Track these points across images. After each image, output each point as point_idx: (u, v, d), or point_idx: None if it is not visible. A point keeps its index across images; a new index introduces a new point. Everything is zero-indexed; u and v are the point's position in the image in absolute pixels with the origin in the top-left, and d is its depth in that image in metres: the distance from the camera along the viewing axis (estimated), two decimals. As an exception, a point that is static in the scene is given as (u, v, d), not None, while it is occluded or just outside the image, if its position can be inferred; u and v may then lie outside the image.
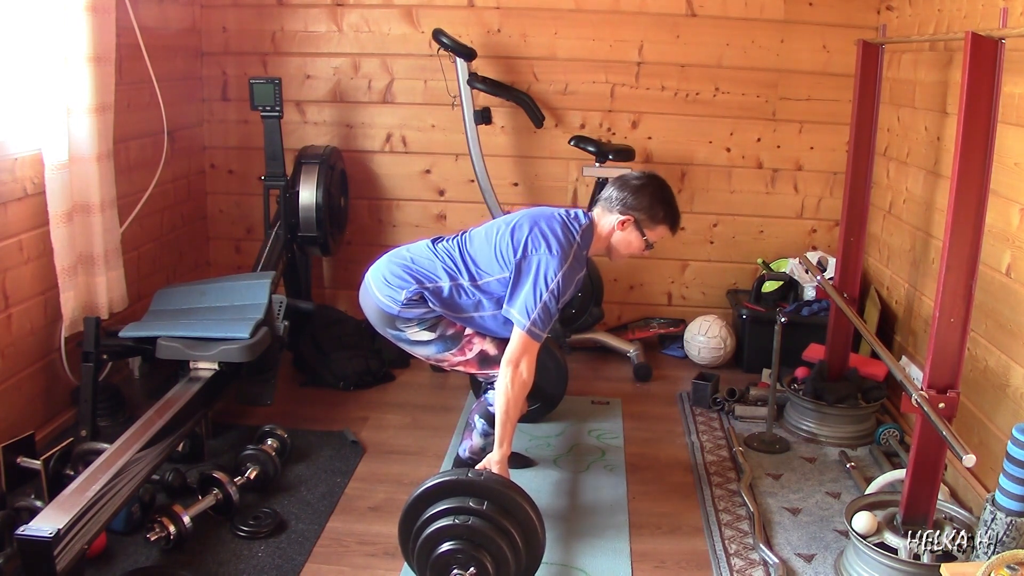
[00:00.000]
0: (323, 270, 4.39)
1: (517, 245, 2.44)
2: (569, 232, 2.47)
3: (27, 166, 2.83)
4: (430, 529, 2.15)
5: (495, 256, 2.48)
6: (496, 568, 2.12)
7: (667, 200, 2.57)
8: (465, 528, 2.12)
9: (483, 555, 2.11)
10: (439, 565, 2.14)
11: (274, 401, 3.28)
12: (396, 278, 2.52)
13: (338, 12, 4.09)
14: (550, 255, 2.40)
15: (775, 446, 3.18)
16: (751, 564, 2.45)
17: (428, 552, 2.15)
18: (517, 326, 2.38)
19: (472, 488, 2.17)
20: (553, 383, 3.22)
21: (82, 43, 2.88)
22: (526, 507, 2.18)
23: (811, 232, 4.22)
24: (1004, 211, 2.58)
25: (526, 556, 2.18)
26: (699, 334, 3.98)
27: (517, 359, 2.37)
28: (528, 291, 2.39)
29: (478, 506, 2.13)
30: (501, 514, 2.15)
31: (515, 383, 2.36)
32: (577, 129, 4.11)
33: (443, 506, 2.16)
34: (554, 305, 2.39)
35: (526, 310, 2.37)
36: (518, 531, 2.16)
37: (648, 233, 2.58)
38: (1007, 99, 2.43)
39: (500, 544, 2.12)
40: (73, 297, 2.97)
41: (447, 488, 2.18)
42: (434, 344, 2.56)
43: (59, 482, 2.45)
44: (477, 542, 2.12)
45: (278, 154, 3.76)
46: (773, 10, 3.96)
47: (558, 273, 2.39)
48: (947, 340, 2.20)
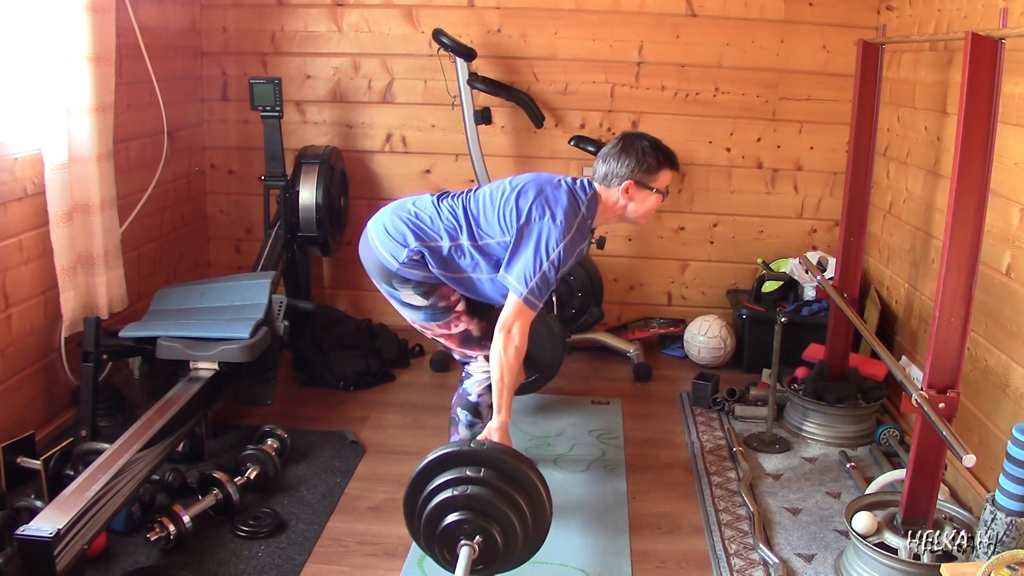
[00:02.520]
0: (323, 270, 4.39)
1: (521, 210, 2.41)
2: (575, 202, 2.44)
3: (27, 166, 2.83)
4: (433, 503, 2.11)
5: (498, 219, 2.45)
6: (504, 536, 2.09)
7: (650, 147, 2.51)
8: (466, 498, 2.09)
9: (489, 523, 2.07)
10: (445, 538, 2.11)
11: (274, 401, 3.27)
12: (398, 232, 2.50)
13: (338, 12, 4.09)
14: (553, 224, 2.37)
15: (775, 446, 3.19)
16: (751, 564, 2.45)
17: (433, 527, 2.12)
18: (513, 292, 2.36)
19: (472, 458, 2.13)
20: (550, 352, 3.17)
21: (82, 43, 2.88)
22: (529, 472, 2.14)
23: (811, 232, 4.22)
24: (1004, 211, 2.58)
25: (533, 522, 2.14)
26: (699, 334, 3.98)
27: (509, 325, 2.35)
28: (528, 259, 2.36)
29: (476, 474, 2.10)
30: (503, 481, 2.11)
31: (508, 348, 2.34)
32: (577, 129, 4.11)
33: (444, 479, 2.13)
34: (553, 275, 2.37)
35: (524, 278, 2.34)
36: (523, 497, 2.12)
37: (654, 184, 2.51)
38: (1007, 99, 2.43)
39: (505, 511, 2.08)
40: (73, 297, 2.97)
41: (447, 460, 2.15)
42: (423, 311, 2.55)
43: (59, 482, 2.45)
44: (481, 511, 2.08)
45: (278, 154, 3.76)
46: (773, 10, 3.96)
47: (560, 243, 2.36)
48: (947, 340, 2.20)
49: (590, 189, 2.51)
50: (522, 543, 2.15)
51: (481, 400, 2.62)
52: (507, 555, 2.14)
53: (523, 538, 2.14)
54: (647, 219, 2.59)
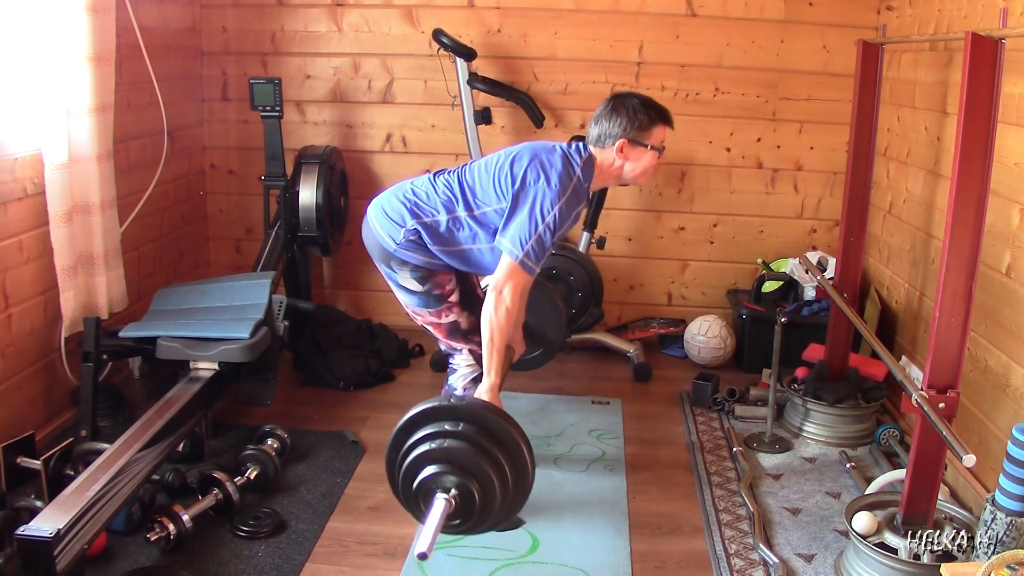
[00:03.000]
0: (323, 270, 4.39)
1: (516, 176, 2.40)
2: (569, 165, 2.43)
3: (27, 166, 2.83)
4: (411, 457, 2.10)
5: (494, 186, 2.44)
6: (482, 491, 2.07)
7: (641, 104, 2.48)
8: (443, 451, 2.07)
9: (466, 478, 2.05)
10: (422, 491, 2.08)
11: (274, 401, 3.28)
12: (396, 213, 2.51)
13: (338, 12, 4.09)
14: (548, 187, 2.36)
15: (775, 446, 3.19)
16: (751, 564, 2.45)
17: (411, 481, 2.10)
18: (508, 255, 2.35)
19: (452, 413, 2.12)
20: (552, 326, 3.14)
21: (82, 43, 2.88)
22: (511, 430, 2.12)
23: (811, 232, 4.22)
24: (1004, 211, 2.58)
25: (514, 481, 2.12)
26: (699, 334, 3.98)
27: (501, 286, 2.34)
28: (523, 222, 2.35)
29: (454, 428, 2.08)
30: (483, 437, 2.09)
31: (499, 310, 2.33)
32: (577, 129, 4.11)
33: (423, 433, 2.11)
34: (549, 238, 2.36)
35: (519, 241, 2.34)
36: (503, 455, 2.09)
37: (648, 141, 2.48)
38: (1007, 99, 2.43)
39: (483, 466, 2.06)
40: (73, 297, 2.97)
41: (428, 415, 2.13)
42: (418, 296, 2.55)
43: (59, 482, 2.45)
44: (458, 465, 2.06)
45: (278, 154, 3.76)
46: (773, 10, 3.96)
47: (555, 206, 2.35)
48: (947, 340, 2.20)
49: (585, 152, 2.49)
50: (501, 501, 2.11)
51: (467, 394, 2.61)
52: (485, 513, 2.11)
53: (502, 497, 2.10)
54: (646, 178, 2.55)
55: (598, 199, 3.93)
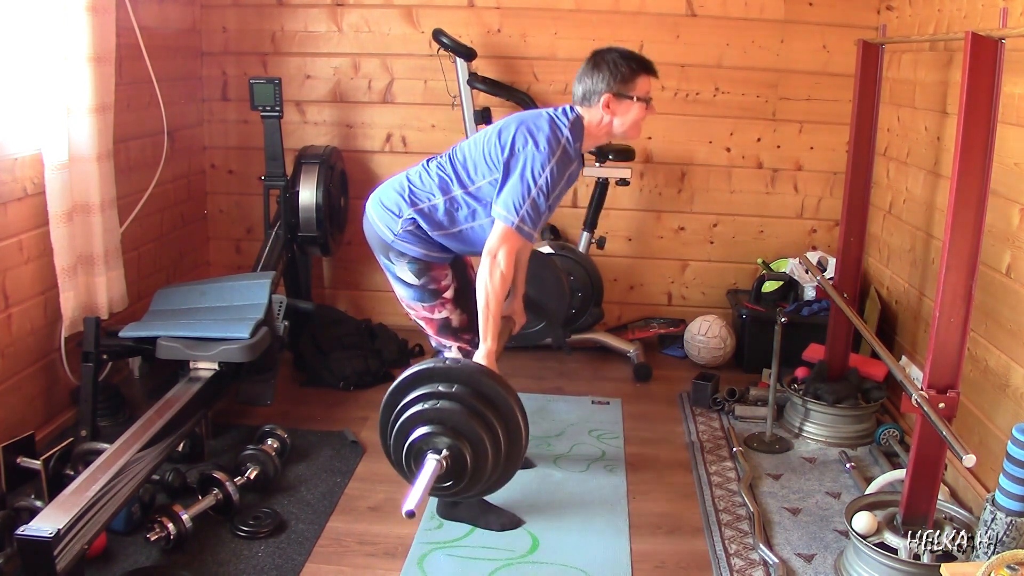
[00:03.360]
0: (323, 270, 4.39)
1: (504, 144, 2.39)
2: (556, 127, 2.42)
3: (27, 166, 2.83)
4: (403, 418, 2.08)
5: (484, 159, 2.43)
6: (474, 453, 2.06)
7: (621, 57, 2.47)
8: (435, 411, 2.05)
9: (457, 439, 2.04)
10: (413, 452, 2.07)
11: (274, 401, 3.28)
12: (392, 203, 2.51)
13: (338, 12, 4.09)
14: (537, 151, 2.35)
15: (775, 446, 3.19)
16: (751, 564, 2.45)
17: (403, 441, 2.09)
18: (502, 221, 2.33)
19: (445, 374, 2.10)
20: (555, 299, 3.12)
21: (82, 43, 2.88)
22: (504, 393, 2.11)
23: (811, 232, 4.22)
24: (1004, 211, 2.58)
25: (507, 444, 2.11)
26: (699, 334, 3.98)
27: (495, 250, 2.32)
28: (515, 187, 2.34)
29: (447, 389, 2.06)
30: (476, 399, 2.08)
31: (493, 274, 2.32)
32: (577, 129, 4.10)
33: (416, 394, 2.10)
34: (543, 201, 2.34)
35: (513, 206, 2.32)
36: (496, 418, 2.08)
37: (633, 93, 2.47)
38: (1007, 99, 2.43)
39: (476, 428, 2.05)
40: (73, 297, 2.97)
41: (421, 377, 2.12)
42: (413, 290, 2.55)
43: (59, 482, 2.45)
44: (449, 425, 2.05)
45: (278, 154, 3.76)
46: (773, 10, 3.96)
47: (545, 168, 2.34)
48: (947, 340, 2.20)
49: (572, 113, 2.48)
50: (493, 465, 2.10)
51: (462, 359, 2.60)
52: (476, 476, 2.09)
53: (494, 460, 2.09)
54: (636, 131, 2.54)
55: (598, 199, 3.93)
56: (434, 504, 2.70)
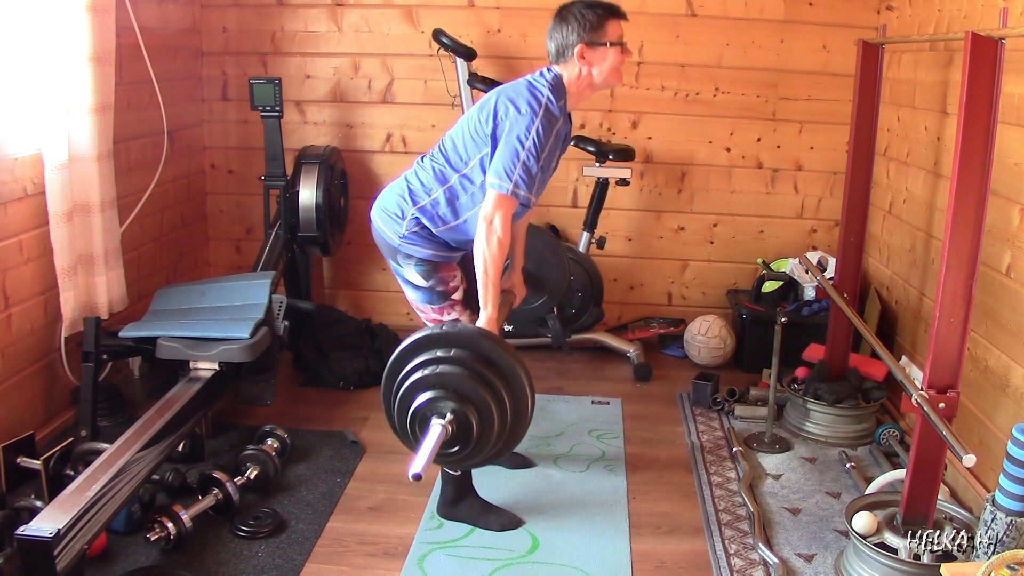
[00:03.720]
0: (323, 270, 4.39)
1: (487, 117, 2.39)
2: (535, 89, 2.40)
3: (27, 166, 2.84)
4: (406, 385, 2.06)
5: (472, 137, 2.43)
6: (479, 416, 2.04)
7: (584, 5, 2.43)
8: (437, 376, 2.03)
9: (462, 403, 2.02)
10: (417, 419, 2.05)
11: (274, 401, 3.28)
12: (395, 206, 2.50)
13: (338, 12, 4.09)
14: (519, 114, 2.33)
15: (775, 446, 3.19)
16: (751, 564, 2.45)
17: (406, 409, 2.07)
18: (495, 189, 2.31)
19: (446, 339, 2.08)
20: (555, 271, 3.09)
21: (82, 43, 2.88)
22: (506, 355, 2.08)
23: (811, 232, 4.22)
24: (1004, 211, 2.58)
25: (511, 405, 2.09)
26: (699, 334, 3.98)
27: (491, 216, 2.30)
28: (503, 154, 2.32)
29: (448, 354, 2.04)
30: (477, 361, 2.06)
31: (491, 240, 2.30)
32: (577, 129, 4.10)
33: (417, 361, 2.08)
34: (534, 163, 2.32)
35: (505, 172, 2.30)
36: (500, 380, 2.06)
37: (604, 39, 2.43)
38: (1007, 99, 2.43)
39: (479, 391, 2.02)
40: (73, 297, 2.97)
41: (422, 344, 2.10)
42: (422, 292, 2.55)
43: (59, 482, 2.45)
44: (452, 389, 2.03)
45: (278, 154, 3.77)
46: (773, 10, 3.96)
47: (531, 129, 2.32)
48: (947, 340, 2.20)
49: (550, 73, 2.47)
50: (499, 429, 2.08)
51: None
52: (483, 440, 2.07)
53: (500, 424, 2.07)
54: (617, 77, 2.50)
55: (598, 199, 3.93)
56: (434, 504, 2.71)
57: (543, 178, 2.41)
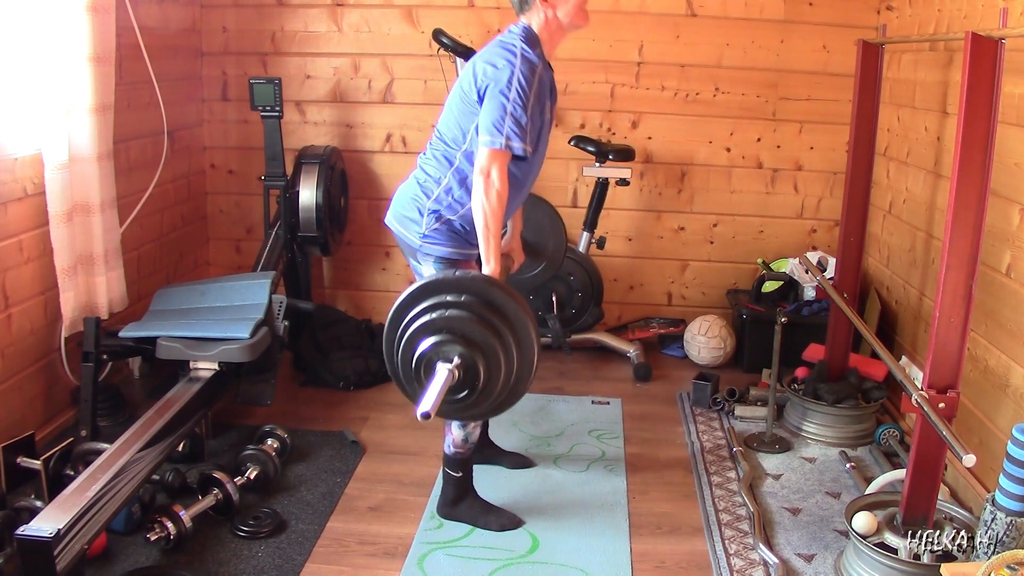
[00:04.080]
0: (323, 270, 4.39)
1: (469, 86, 2.39)
2: (507, 44, 2.40)
3: (27, 166, 2.83)
4: (411, 330, 2.04)
5: (461, 111, 2.42)
6: (486, 360, 2.02)
7: None
8: (444, 320, 2.01)
9: (468, 347, 2.00)
10: (423, 364, 2.02)
11: (274, 401, 3.28)
12: (411, 207, 2.49)
13: (338, 12, 4.09)
14: (497, 70, 2.34)
15: (775, 446, 3.19)
16: (751, 564, 2.45)
17: (411, 355, 2.04)
18: (487, 146, 2.30)
19: (452, 285, 2.06)
20: (552, 238, 3.05)
21: (82, 43, 2.88)
22: (511, 300, 2.06)
23: (811, 232, 4.22)
24: (1004, 211, 2.58)
25: (518, 354, 2.07)
26: (699, 334, 3.98)
27: (487, 168, 2.29)
28: (489, 111, 2.31)
29: (456, 298, 2.02)
30: (484, 307, 2.04)
31: (490, 193, 2.29)
32: (577, 129, 4.11)
33: (423, 306, 2.05)
34: (521, 111, 2.30)
35: (495, 127, 2.29)
36: (505, 325, 2.05)
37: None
38: (1007, 99, 2.43)
39: (487, 337, 2.00)
40: (73, 297, 2.97)
41: (428, 288, 2.08)
42: None
43: (59, 482, 2.45)
44: (459, 333, 2.00)
45: (278, 154, 3.77)
46: (773, 10, 3.96)
47: (512, 80, 2.31)
48: (947, 340, 2.20)
49: (517, 26, 2.47)
50: (505, 376, 2.06)
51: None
52: (490, 387, 2.05)
53: (507, 370, 2.05)
54: (583, 17, 2.50)
55: (598, 199, 3.93)
56: (434, 504, 2.71)
57: (536, 129, 2.39)
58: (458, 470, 2.63)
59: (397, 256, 4.28)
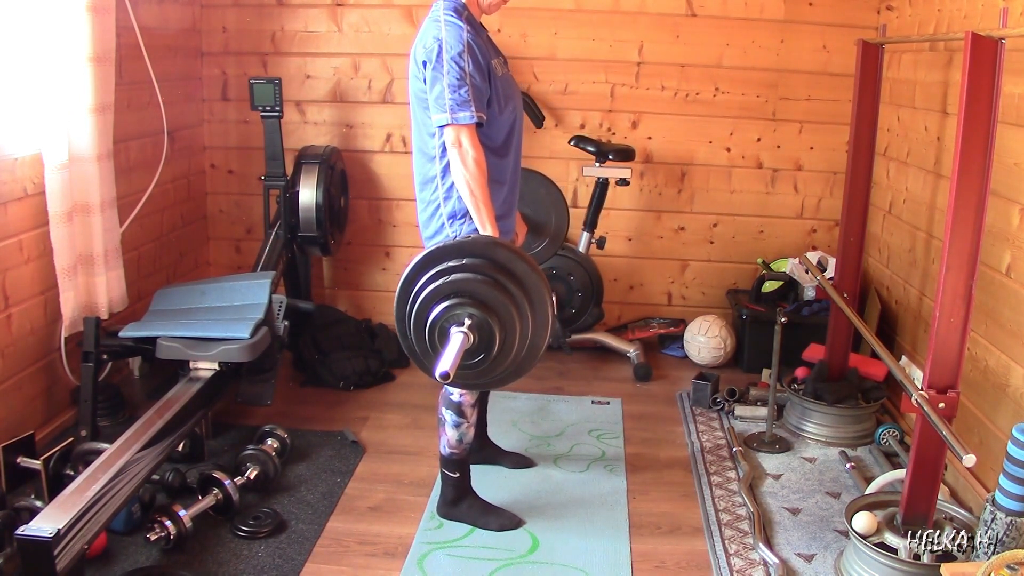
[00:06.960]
0: (323, 270, 4.39)
1: (418, 72, 2.37)
2: (431, 21, 2.38)
3: (27, 166, 2.83)
4: (420, 300, 2.01)
5: (420, 100, 2.40)
6: (500, 322, 1.98)
7: None
8: (451, 284, 1.98)
9: (480, 308, 1.96)
10: (436, 331, 1.98)
11: (274, 401, 3.28)
12: (431, 210, 2.47)
13: (338, 12, 4.09)
14: (428, 49, 2.32)
15: (775, 446, 3.19)
16: (751, 564, 2.45)
17: (423, 324, 2.00)
18: (439, 124, 2.29)
19: (457, 250, 2.04)
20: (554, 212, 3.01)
21: (82, 43, 2.88)
22: (518, 258, 2.03)
23: (811, 232, 4.22)
24: (1004, 211, 2.58)
25: (532, 312, 2.03)
26: (699, 334, 3.98)
27: (456, 141, 2.27)
28: (433, 87, 2.29)
29: (460, 263, 1.99)
30: (491, 268, 2.01)
31: (466, 160, 2.27)
32: (577, 129, 4.11)
33: (430, 274, 2.03)
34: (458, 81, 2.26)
35: (438, 105, 2.28)
36: (515, 284, 2.02)
37: None
38: (1007, 99, 2.43)
39: (497, 296, 1.97)
40: (73, 297, 2.97)
41: (432, 257, 2.05)
42: None
43: (59, 482, 2.45)
44: (469, 296, 1.97)
45: (278, 154, 3.77)
46: (773, 10, 3.96)
47: (442, 53, 2.28)
48: (947, 340, 2.20)
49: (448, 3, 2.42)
50: (521, 335, 2.03)
51: (463, 399, 2.57)
52: (506, 348, 2.02)
53: (522, 329, 2.01)
54: None
55: (598, 199, 3.93)
56: (434, 504, 2.71)
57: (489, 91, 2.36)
58: (455, 471, 2.63)
59: (397, 256, 4.29)
